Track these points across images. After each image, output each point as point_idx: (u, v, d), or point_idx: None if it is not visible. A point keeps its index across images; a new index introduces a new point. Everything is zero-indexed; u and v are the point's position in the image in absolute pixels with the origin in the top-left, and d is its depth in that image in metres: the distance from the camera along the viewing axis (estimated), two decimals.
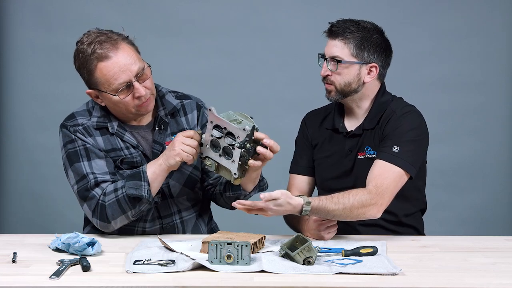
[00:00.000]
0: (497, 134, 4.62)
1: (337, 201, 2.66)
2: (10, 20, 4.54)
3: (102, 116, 2.83)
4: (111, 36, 2.74)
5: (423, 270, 2.36)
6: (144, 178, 2.70)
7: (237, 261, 2.33)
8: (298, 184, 3.03)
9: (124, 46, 2.74)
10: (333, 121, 2.99)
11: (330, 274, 2.27)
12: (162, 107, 2.87)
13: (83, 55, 2.73)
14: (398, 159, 2.77)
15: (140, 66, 2.74)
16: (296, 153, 3.07)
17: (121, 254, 2.51)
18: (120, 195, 2.70)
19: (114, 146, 2.81)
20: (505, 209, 4.65)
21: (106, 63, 2.70)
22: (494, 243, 2.78)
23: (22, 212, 4.62)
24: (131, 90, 2.72)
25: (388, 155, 2.78)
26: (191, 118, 2.92)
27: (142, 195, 2.68)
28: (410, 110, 2.90)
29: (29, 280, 2.24)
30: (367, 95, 2.93)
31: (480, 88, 4.60)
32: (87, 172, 2.76)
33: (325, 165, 2.99)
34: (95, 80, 2.73)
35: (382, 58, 2.90)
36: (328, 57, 2.89)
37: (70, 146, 2.81)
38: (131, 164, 2.81)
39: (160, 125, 2.85)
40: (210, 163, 2.67)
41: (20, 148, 4.60)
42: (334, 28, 2.88)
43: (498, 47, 4.58)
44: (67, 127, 2.83)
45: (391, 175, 2.76)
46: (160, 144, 2.84)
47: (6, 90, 4.58)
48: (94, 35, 2.74)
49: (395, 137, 2.82)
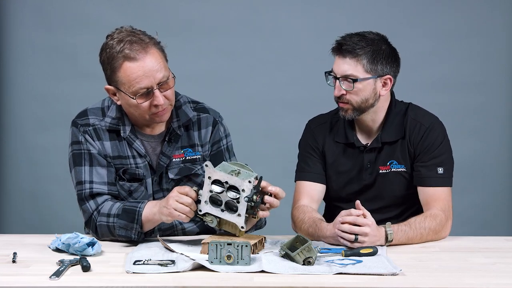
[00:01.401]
0: (497, 134, 4.62)
1: (414, 227, 2.73)
2: (10, 20, 4.54)
3: (116, 118, 2.78)
4: (143, 39, 2.67)
5: (423, 270, 2.36)
6: (138, 220, 2.64)
7: (237, 261, 2.33)
8: (310, 192, 2.94)
9: (154, 51, 2.67)
10: (345, 134, 2.94)
11: (330, 274, 2.27)
12: (176, 118, 2.81)
13: (110, 51, 2.66)
14: (446, 180, 2.88)
15: (165, 74, 2.68)
16: (306, 160, 2.98)
17: (121, 254, 2.51)
18: (111, 224, 2.68)
19: (121, 153, 2.78)
20: (505, 209, 4.65)
21: (132, 64, 2.64)
22: (494, 243, 2.78)
23: (22, 212, 4.62)
24: (150, 97, 2.67)
25: (437, 180, 2.86)
26: (204, 134, 2.86)
27: (131, 237, 2.66)
28: (434, 120, 2.93)
29: (29, 280, 2.24)
30: (382, 107, 2.90)
31: (480, 88, 4.59)
32: (85, 180, 2.74)
33: (342, 179, 2.95)
34: (116, 78, 2.68)
35: (394, 67, 2.87)
36: (341, 76, 2.82)
37: (76, 147, 2.79)
38: (133, 176, 2.78)
39: (170, 138, 2.80)
40: (210, 219, 2.55)
41: (20, 148, 4.60)
42: (344, 47, 2.80)
43: (498, 47, 4.58)
44: (77, 125, 2.79)
45: (447, 197, 2.86)
46: (167, 157, 2.80)
47: (6, 90, 4.57)
48: (126, 33, 2.68)
49: (435, 156, 2.88)
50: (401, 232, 2.68)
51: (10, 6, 4.53)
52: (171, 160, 2.80)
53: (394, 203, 2.93)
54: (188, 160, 2.83)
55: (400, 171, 2.90)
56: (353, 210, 2.61)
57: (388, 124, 2.90)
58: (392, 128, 2.90)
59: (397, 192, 2.92)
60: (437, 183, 2.86)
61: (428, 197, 2.86)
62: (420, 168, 2.88)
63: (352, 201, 2.84)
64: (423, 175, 2.87)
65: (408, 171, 2.90)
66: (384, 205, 2.91)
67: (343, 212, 2.63)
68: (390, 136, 2.90)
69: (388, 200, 2.92)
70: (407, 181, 2.91)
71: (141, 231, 2.65)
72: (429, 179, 2.87)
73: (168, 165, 2.80)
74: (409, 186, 2.91)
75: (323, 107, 3.09)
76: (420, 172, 2.88)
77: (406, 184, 2.91)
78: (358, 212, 2.60)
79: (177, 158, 2.81)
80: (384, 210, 2.90)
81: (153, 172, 2.79)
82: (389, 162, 2.90)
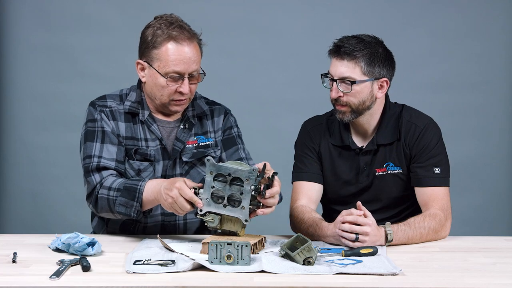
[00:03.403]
0: (497, 134, 4.62)
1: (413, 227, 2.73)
2: (9, 20, 4.54)
3: (136, 102, 2.87)
4: (191, 30, 2.81)
5: (423, 270, 2.36)
6: (138, 198, 2.67)
7: (237, 261, 2.33)
8: (308, 192, 2.95)
9: (196, 45, 2.81)
10: (340, 137, 2.96)
11: (330, 274, 2.27)
12: (192, 108, 2.92)
13: (158, 28, 2.78)
14: (443, 180, 2.89)
15: (198, 68, 2.80)
16: (303, 160, 2.99)
17: (121, 254, 2.51)
18: (111, 198, 2.71)
19: (134, 134, 2.85)
20: (505, 209, 4.66)
21: (175, 46, 2.75)
22: (494, 243, 2.78)
23: (22, 212, 4.63)
24: (178, 83, 2.77)
25: (434, 180, 2.87)
26: (217, 122, 2.96)
27: (130, 215, 2.69)
28: (428, 121, 2.93)
29: (29, 280, 2.24)
30: (377, 109, 2.91)
31: (480, 88, 4.60)
32: (94, 154, 2.79)
33: (340, 182, 2.96)
34: (154, 54, 2.77)
35: (390, 71, 2.88)
36: (338, 79, 2.84)
37: (90, 124, 2.84)
38: (144, 156, 2.84)
39: (185, 124, 2.89)
40: (211, 218, 2.55)
41: (20, 148, 4.60)
42: (342, 49, 2.81)
43: (498, 47, 4.58)
44: (95, 105, 2.87)
45: (445, 196, 2.87)
46: (181, 142, 2.87)
47: (6, 90, 4.58)
48: (176, 19, 2.82)
49: (431, 156, 2.88)
50: (401, 231, 2.69)
51: (9, 6, 4.53)
52: (185, 146, 2.87)
53: (391, 205, 2.94)
54: (201, 146, 2.91)
55: (396, 173, 2.91)
56: (353, 209, 2.62)
57: (383, 126, 2.92)
58: (387, 130, 2.91)
59: (394, 194, 2.93)
60: (435, 183, 2.87)
61: (426, 197, 2.86)
62: (417, 169, 2.88)
63: (349, 203, 2.86)
64: (420, 176, 2.88)
65: (404, 172, 2.91)
66: (381, 206, 2.92)
67: (344, 212, 2.63)
68: (385, 138, 2.91)
69: (385, 202, 2.93)
70: (403, 183, 2.92)
71: (140, 209, 2.69)
72: (426, 180, 2.88)
73: (182, 150, 2.87)
74: (406, 188, 2.92)
75: (323, 107, 3.10)
76: (417, 173, 2.88)
77: (403, 185, 2.92)
78: (359, 212, 2.61)
79: (191, 144, 2.89)
80: (381, 211, 2.90)
81: (168, 157, 2.86)
82: (385, 164, 2.91)
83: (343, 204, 2.93)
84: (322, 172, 2.97)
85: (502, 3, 4.56)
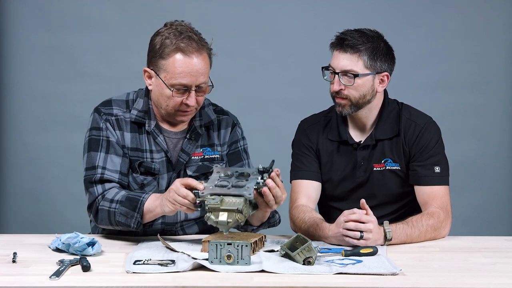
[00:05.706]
0: (497, 134, 4.62)
1: (412, 225, 2.74)
2: (9, 20, 4.54)
3: (143, 111, 2.82)
4: (200, 40, 2.73)
5: (423, 270, 2.36)
6: (139, 209, 2.65)
7: (237, 261, 2.33)
8: (307, 191, 2.94)
9: (205, 57, 2.73)
10: (338, 132, 2.95)
11: (330, 274, 2.27)
12: (199, 117, 2.86)
13: (167, 38, 2.70)
14: (443, 179, 2.89)
15: (205, 81, 2.74)
16: (301, 159, 2.98)
17: (121, 254, 2.51)
18: (112, 210, 2.69)
19: (139, 146, 2.81)
20: (505, 209, 4.65)
21: (183, 58, 2.69)
22: (494, 243, 2.78)
23: (22, 212, 4.62)
24: (185, 95, 2.71)
25: (434, 178, 2.88)
26: (224, 134, 2.91)
27: (130, 226, 2.67)
28: (428, 119, 2.94)
29: (29, 280, 2.24)
30: (376, 104, 2.91)
31: (480, 88, 4.60)
32: (98, 165, 2.76)
33: (337, 177, 2.95)
34: (161, 65, 2.71)
35: (391, 65, 2.89)
36: (340, 71, 2.84)
37: (95, 132, 2.80)
38: (148, 169, 2.80)
39: (192, 135, 2.84)
40: (212, 197, 2.45)
41: (19, 148, 4.60)
42: (346, 42, 2.81)
43: (498, 47, 4.58)
44: (100, 113, 2.82)
45: (445, 195, 2.87)
46: (187, 154, 2.83)
47: (6, 90, 4.58)
48: (186, 28, 2.74)
49: (432, 155, 2.89)
50: (400, 230, 2.69)
51: (9, 6, 4.53)
52: (190, 158, 2.84)
53: (388, 201, 2.93)
54: (207, 159, 2.87)
55: (394, 169, 2.91)
56: (356, 209, 2.62)
57: (381, 121, 2.92)
58: (385, 126, 2.91)
59: (391, 190, 2.92)
60: (434, 181, 2.87)
61: (425, 196, 2.86)
62: (417, 168, 2.88)
63: (345, 199, 2.86)
64: (420, 174, 2.88)
65: (402, 169, 2.91)
66: (378, 203, 2.91)
67: (346, 212, 2.63)
68: (383, 133, 2.91)
69: (382, 198, 2.93)
70: (401, 180, 2.92)
71: (141, 221, 2.66)
72: (426, 178, 2.88)
73: (187, 163, 2.83)
74: (402, 185, 2.92)
75: (323, 107, 3.09)
76: (417, 171, 2.88)
77: (400, 182, 2.92)
78: (362, 210, 2.61)
79: (196, 157, 2.85)
80: (378, 208, 2.88)
81: (172, 169, 2.82)
82: (383, 160, 2.91)
83: (339, 200, 2.93)
84: (320, 170, 2.97)
85: (502, 3, 4.56)
